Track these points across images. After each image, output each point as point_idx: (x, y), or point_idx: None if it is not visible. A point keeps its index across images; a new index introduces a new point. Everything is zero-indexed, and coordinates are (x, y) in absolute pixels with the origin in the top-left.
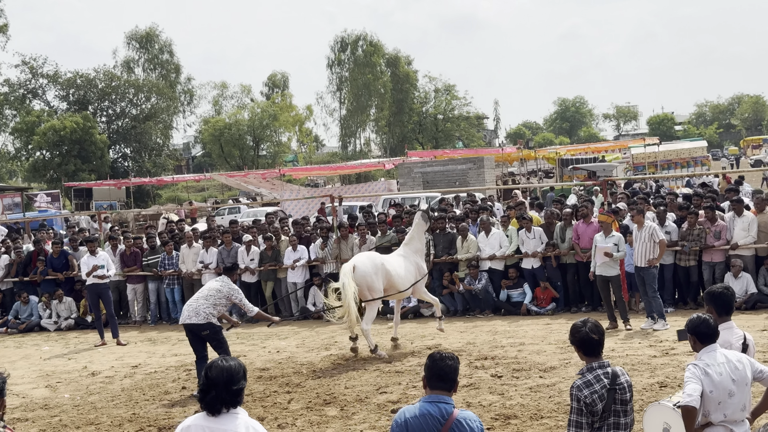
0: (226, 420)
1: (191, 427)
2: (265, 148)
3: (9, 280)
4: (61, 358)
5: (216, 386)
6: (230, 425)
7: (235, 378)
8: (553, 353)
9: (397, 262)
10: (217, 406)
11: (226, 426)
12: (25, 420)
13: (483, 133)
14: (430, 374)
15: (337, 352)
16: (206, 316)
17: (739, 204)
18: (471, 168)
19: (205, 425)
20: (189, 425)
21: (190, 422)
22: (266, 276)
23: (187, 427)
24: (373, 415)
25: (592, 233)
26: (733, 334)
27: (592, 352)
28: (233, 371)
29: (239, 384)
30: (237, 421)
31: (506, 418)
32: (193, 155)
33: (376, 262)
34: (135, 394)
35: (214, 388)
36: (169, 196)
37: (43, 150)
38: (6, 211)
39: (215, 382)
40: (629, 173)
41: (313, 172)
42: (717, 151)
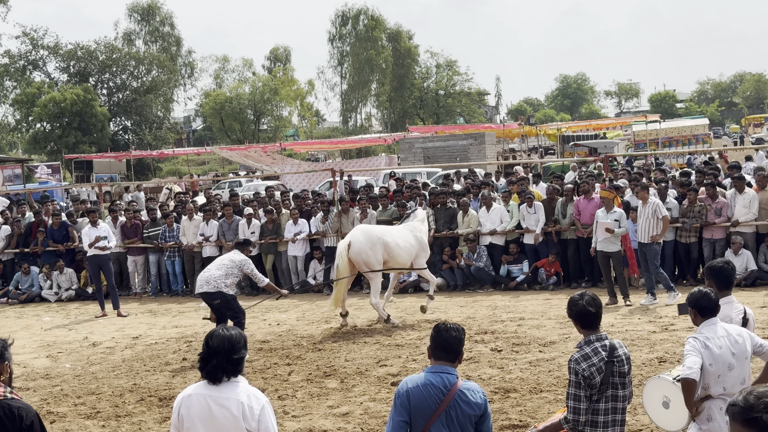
0: (226, 388)
1: (192, 396)
2: (266, 123)
3: (10, 251)
4: (61, 329)
5: (217, 355)
6: (231, 393)
7: (236, 347)
8: (552, 328)
9: (399, 234)
10: (219, 374)
11: (227, 393)
12: (27, 389)
13: (484, 110)
14: (434, 345)
15: (337, 325)
16: (216, 285)
17: (740, 181)
18: (472, 144)
19: (206, 393)
20: (190, 394)
21: (191, 391)
22: (267, 249)
23: (188, 396)
24: (373, 388)
25: (593, 209)
26: (733, 308)
27: (590, 325)
28: (234, 340)
29: (240, 353)
30: (238, 389)
31: (506, 392)
32: (193, 129)
33: (373, 235)
34: (136, 364)
35: (216, 356)
36: (169, 170)
37: (43, 122)
38: (6, 182)
39: (216, 351)
40: (630, 150)
41: (314, 146)
42: (718, 129)
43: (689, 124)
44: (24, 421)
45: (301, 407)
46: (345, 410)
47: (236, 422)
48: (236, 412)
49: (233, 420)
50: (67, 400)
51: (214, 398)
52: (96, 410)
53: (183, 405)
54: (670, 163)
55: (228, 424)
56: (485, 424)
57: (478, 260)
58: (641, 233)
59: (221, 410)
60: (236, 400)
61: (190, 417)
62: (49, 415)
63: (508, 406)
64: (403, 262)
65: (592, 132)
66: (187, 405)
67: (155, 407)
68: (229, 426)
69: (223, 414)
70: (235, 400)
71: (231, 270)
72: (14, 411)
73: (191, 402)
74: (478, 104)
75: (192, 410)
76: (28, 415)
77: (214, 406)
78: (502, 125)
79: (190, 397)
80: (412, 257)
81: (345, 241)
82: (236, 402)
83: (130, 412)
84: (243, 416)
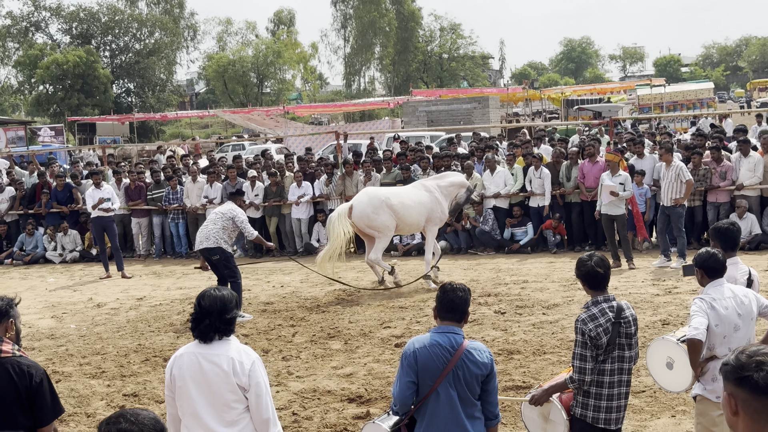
0: (217, 346)
1: (184, 356)
2: (269, 86)
3: (14, 213)
4: (66, 290)
5: (209, 315)
6: (221, 350)
7: (228, 307)
8: (556, 291)
9: (407, 194)
10: (210, 334)
11: (218, 351)
12: (32, 349)
13: (488, 73)
14: (440, 305)
15: (340, 288)
16: (216, 240)
17: (745, 144)
18: (476, 107)
19: (197, 352)
20: (181, 354)
21: (183, 351)
22: (270, 212)
23: (179, 356)
24: (377, 349)
25: (598, 172)
26: (738, 269)
27: (598, 286)
28: (226, 300)
29: (232, 313)
30: (229, 346)
31: (509, 354)
32: (196, 92)
33: (376, 199)
34: (140, 325)
35: (208, 316)
36: (172, 133)
37: (46, 84)
38: (9, 144)
39: (209, 311)
40: (635, 114)
41: (318, 109)
42: (723, 93)
43: (694, 88)
44: (34, 379)
45: (305, 368)
46: (349, 371)
47: (227, 377)
48: (226, 367)
49: (223, 375)
50: (72, 360)
51: (204, 355)
52: (101, 370)
53: (175, 365)
54: (674, 127)
55: (218, 380)
56: (491, 383)
57: (485, 223)
58: (664, 196)
59: (211, 366)
60: (226, 356)
61: (181, 376)
62: (54, 375)
63: (512, 368)
64: (415, 222)
65: (596, 96)
66: (179, 365)
67: (160, 367)
68: (219, 382)
69: (213, 370)
70: (226, 356)
71: (225, 223)
72: (24, 369)
73: (183, 361)
74: (481, 68)
75: (183, 369)
76: (37, 372)
77: (204, 363)
78: (506, 89)
79: (182, 357)
80: (426, 217)
81: (347, 204)
82: (226, 358)
83: (134, 371)
84: (233, 372)
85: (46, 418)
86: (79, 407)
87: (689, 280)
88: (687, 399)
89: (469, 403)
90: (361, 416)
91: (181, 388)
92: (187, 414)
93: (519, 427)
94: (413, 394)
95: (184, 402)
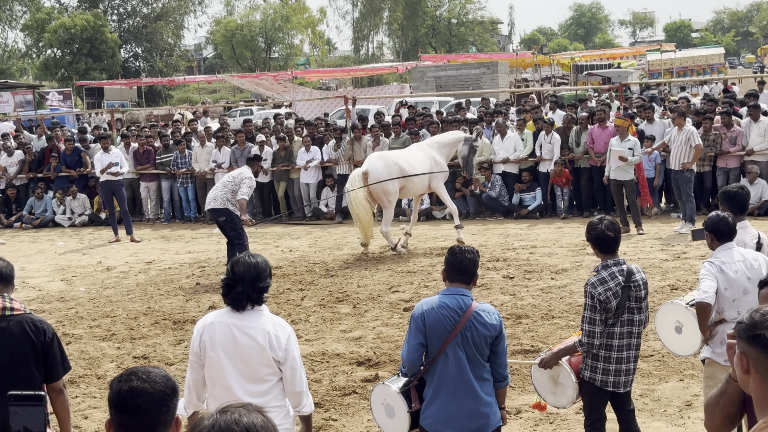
0: (251, 317)
1: (215, 324)
2: (277, 51)
3: (23, 176)
4: (75, 254)
5: (242, 282)
6: (256, 322)
7: (262, 275)
8: (564, 256)
9: (413, 157)
10: (243, 302)
11: (252, 323)
12: (42, 311)
13: (497, 39)
14: (449, 267)
15: (349, 252)
16: (223, 201)
17: (756, 109)
18: (485, 73)
19: (231, 322)
20: (212, 322)
21: (213, 318)
22: (279, 176)
23: (210, 324)
24: (385, 313)
25: (607, 138)
26: (748, 233)
27: (608, 250)
28: (260, 268)
29: (265, 282)
30: (263, 318)
31: (518, 318)
32: (204, 57)
33: (389, 161)
34: (150, 289)
35: (240, 283)
36: (180, 97)
37: (53, 48)
38: (18, 108)
39: (242, 278)
40: (644, 80)
41: (326, 75)
42: (734, 59)
43: (704, 54)
44: (47, 334)
45: (314, 331)
46: (357, 335)
47: (262, 352)
48: (262, 341)
49: (259, 349)
50: (82, 322)
51: (239, 327)
52: (111, 332)
53: (205, 332)
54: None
55: (253, 353)
56: (500, 345)
57: (493, 189)
58: (673, 160)
59: (247, 339)
60: (262, 330)
61: (213, 345)
62: (65, 337)
63: (520, 332)
64: (421, 182)
65: (606, 62)
66: (209, 333)
67: (169, 330)
68: (254, 355)
69: (248, 343)
70: (261, 329)
71: (234, 187)
72: (38, 324)
73: (214, 330)
74: (490, 33)
75: (215, 338)
76: (48, 328)
77: (239, 335)
78: (515, 54)
79: (213, 325)
80: (428, 177)
81: (361, 169)
82: (262, 331)
83: (144, 334)
84: (269, 346)
85: (57, 374)
86: (90, 369)
87: (698, 245)
88: (695, 363)
89: (477, 364)
90: (370, 379)
91: (212, 358)
92: (217, 384)
93: (528, 391)
94: (421, 356)
95: (215, 372)
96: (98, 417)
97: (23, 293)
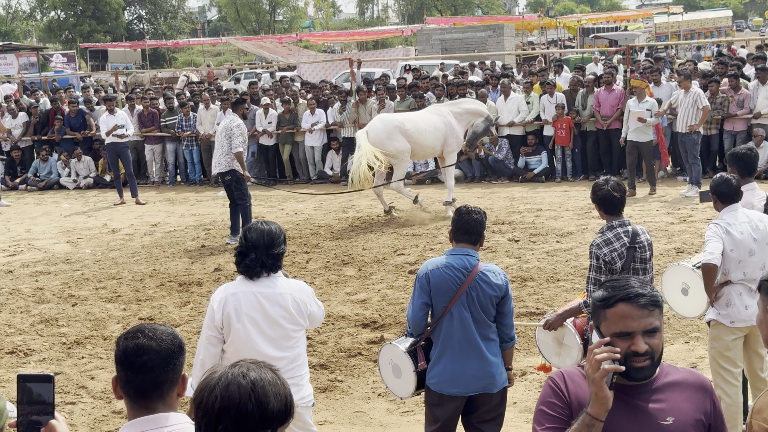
0: (272, 284)
1: (238, 294)
2: (282, 13)
3: (27, 139)
4: (80, 216)
5: (256, 249)
6: (280, 288)
7: (276, 242)
8: (570, 219)
9: (423, 120)
10: (257, 269)
11: (276, 289)
12: (48, 273)
13: (503, 1)
14: (456, 227)
15: (354, 215)
16: (227, 164)
17: (763, 72)
18: (491, 36)
19: (254, 290)
20: (234, 292)
21: (234, 289)
22: (284, 139)
23: (233, 295)
24: (390, 275)
25: (614, 101)
26: (755, 195)
27: (613, 211)
28: (274, 235)
29: (280, 248)
30: (287, 284)
31: (523, 281)
32: (208, 19)
33: (390, 123)
34: (155, 251)
35: (254, 250)
36: (185, 60)
37: (57, 10)
38: (22, 70)
39: (255, 245)
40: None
41: (330, 38)
42: (741, 21)
43: (712, 16)
44: None
45: (319, 294)
46: (363, 297)
47: (291, 318)
48: (291, 307)
49: (288, 316)
50: (88, 284)
51: (264, 295)
52: (117, 294)
53: (228, 303)
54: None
55: (282, 321)
56: (507, 305)
57: (499, 152)
58: (680, 123)
59: (274, 306)
60: (290, 296)
61: (239, 315)
62: (71, 299)
63: (525, 295)
64: (430, 146)
65: (612, 24)
66: (233, 304)
67: (175, 292)
68: (283, 322)
69: (276, 310)
70: (289, 295)
71: (227, 141)
72: None
73: (238, 300)
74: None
75: (241, 308)
76: None
77: (266, 303)
78: (521, 17)
79: (236, 296)
80: (441, 141)
81: (363, 130)
82: (290, 297)
83: (150, 296)
84: (298, 312)
85: None
86: (96, 330)
87: (704, 208)
88: (700, 325)
89: (483, 324)
90: (375, 341)
91: (239, 330)
92: (244, 353)
93: (533, 353)
94: (426, 316)
95: (242, 343)
96: (104, 377)
97: (29, 255)
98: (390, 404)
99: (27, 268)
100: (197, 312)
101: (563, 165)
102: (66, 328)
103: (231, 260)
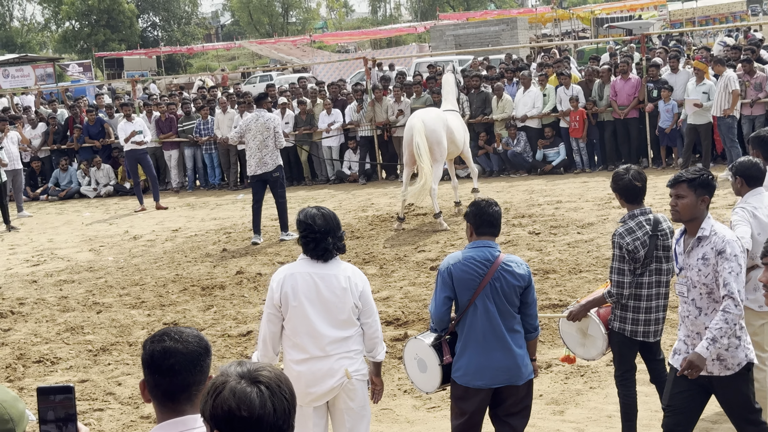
0: (331, 265)
1: (296, 275)
2: (295, 15)
3: (47, 149)
4: (102, 224)
5: (329, 233)
6: (337, 269)
7: (340, 224)
8: (590, 210)
9: (453, 117)
10: (333, 252)
11: (333, 271)
12: (72, 282)
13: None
14: (479, 221)
15: (374, 214)
16: (274, 161)
17: None
18: (504, 29)
19: (311, 271)
20: (292, 273)
21: (291, 270)
22: (301, 140)
23: (291, 275)
24: (412, 273)
25: (630, 90)
26: None
27: (635, 200)
28: (337, 218)
29: (341, 230)
30: (342, 265)
31: (545, 273)
32: (222, 24)
33: (441, 116)
34: (177, 256)
35: (328, 235)
36: (200, 65)
37: (72, 20)
38: (39, 81)
39: (326, 231)
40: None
41: (344, 38)
42: (756, 6)
43: (726, 2)
44: None
45: None
46: (385, 295)
47: (344, 297)
48: (345, 285)
49: (341, 295)
50: (111, 291)
51: (320, 275)
52: (140, 300)
53: (286, 283)
54: (706, 42)
55: (335, 300)
56: (530, 295)
57: (516, 145)
58: (715, 107)
59: (328, 286)
60: (344, 276)
61: (295, 294)
62: (95, 306)
63: (548, 287)
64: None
65: (626, 13)
66: (290, 283)
67: (198, 296)
68: (336, 302)
69: (330, 290)
70: (343, 276)
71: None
72: None
73: (295, 280)
74: None
75: (298, 287)
76: None
77: (320, 283)
78: (534, 10)
79: (294, 276)
80: (462, 140)
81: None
82: (344, 278)
83: (173, 301)
84: (351, 292)
85: None
86: (121, 336)
87: (725, 194)
88: None
89: (508, 315)
90: (399, 338)
91: (296, 308)
92: (301, 333)
93: (557, 345)
94: (449, 310)
95: (299, 321)
96: (131, 383)
97: (52, 264)
98: (416, 401)
99: (51, 278)
100: (221, 315)
101: (581, 156)
102: (91, 335)
103: (253, 263)
